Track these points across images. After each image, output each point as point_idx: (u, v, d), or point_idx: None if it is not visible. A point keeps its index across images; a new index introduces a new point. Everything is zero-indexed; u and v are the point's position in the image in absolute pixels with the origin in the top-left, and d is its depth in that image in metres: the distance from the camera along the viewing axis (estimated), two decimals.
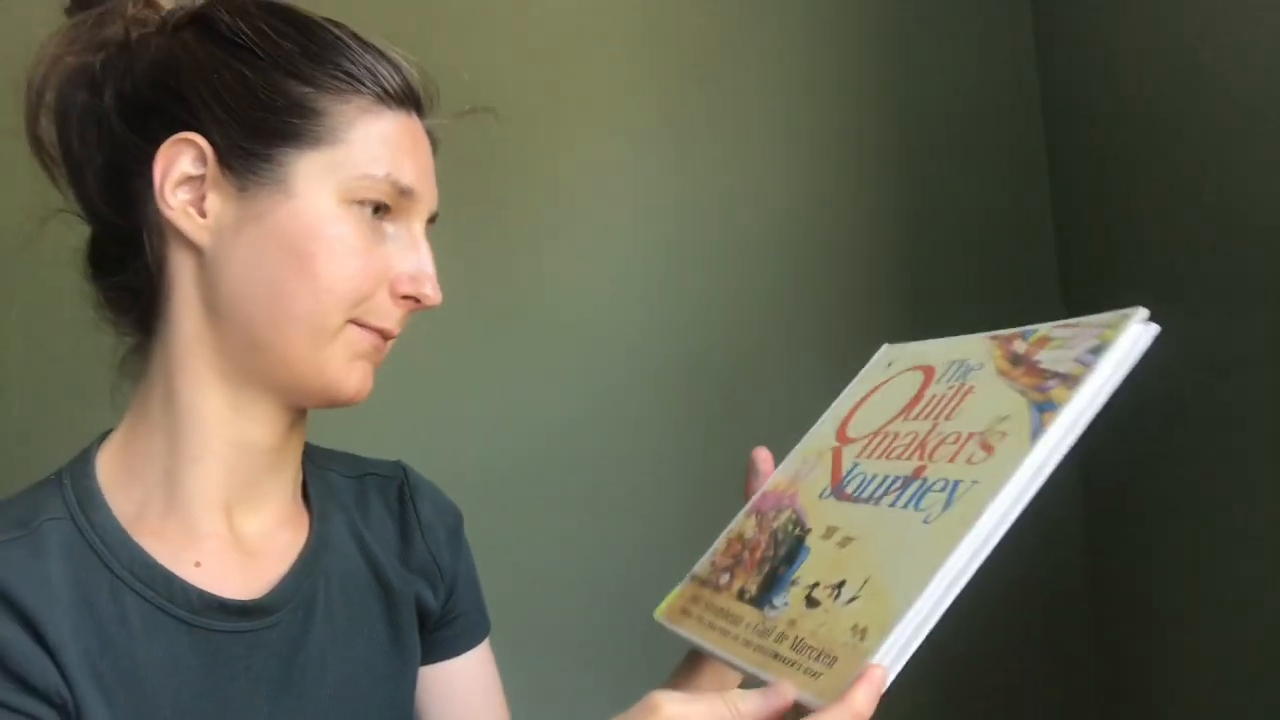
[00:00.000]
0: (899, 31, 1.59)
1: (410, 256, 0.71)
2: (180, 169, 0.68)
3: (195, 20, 0.71)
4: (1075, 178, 1.57)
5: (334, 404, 0.71)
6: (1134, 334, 0.58)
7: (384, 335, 0.72)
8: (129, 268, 0.71)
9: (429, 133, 0.75)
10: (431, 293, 0.72)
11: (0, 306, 1.26)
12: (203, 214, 0.68)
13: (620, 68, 1.52)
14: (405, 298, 0.71)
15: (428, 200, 0.73)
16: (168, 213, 0.68)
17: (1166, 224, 1.36)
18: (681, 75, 1.53)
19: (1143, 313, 0.59)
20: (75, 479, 0.69)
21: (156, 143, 0.68)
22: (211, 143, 0.68)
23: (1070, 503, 1.57)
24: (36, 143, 0.72)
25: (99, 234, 0.73)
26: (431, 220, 0.74)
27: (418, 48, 0.74)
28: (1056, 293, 1.61)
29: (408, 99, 0.72)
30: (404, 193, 0.70)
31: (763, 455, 0.79)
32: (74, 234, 0.74)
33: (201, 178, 0.68)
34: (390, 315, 0.71)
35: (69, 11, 0.73)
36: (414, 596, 0.81)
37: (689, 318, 1.50)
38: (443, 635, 0.85)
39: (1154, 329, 0.58)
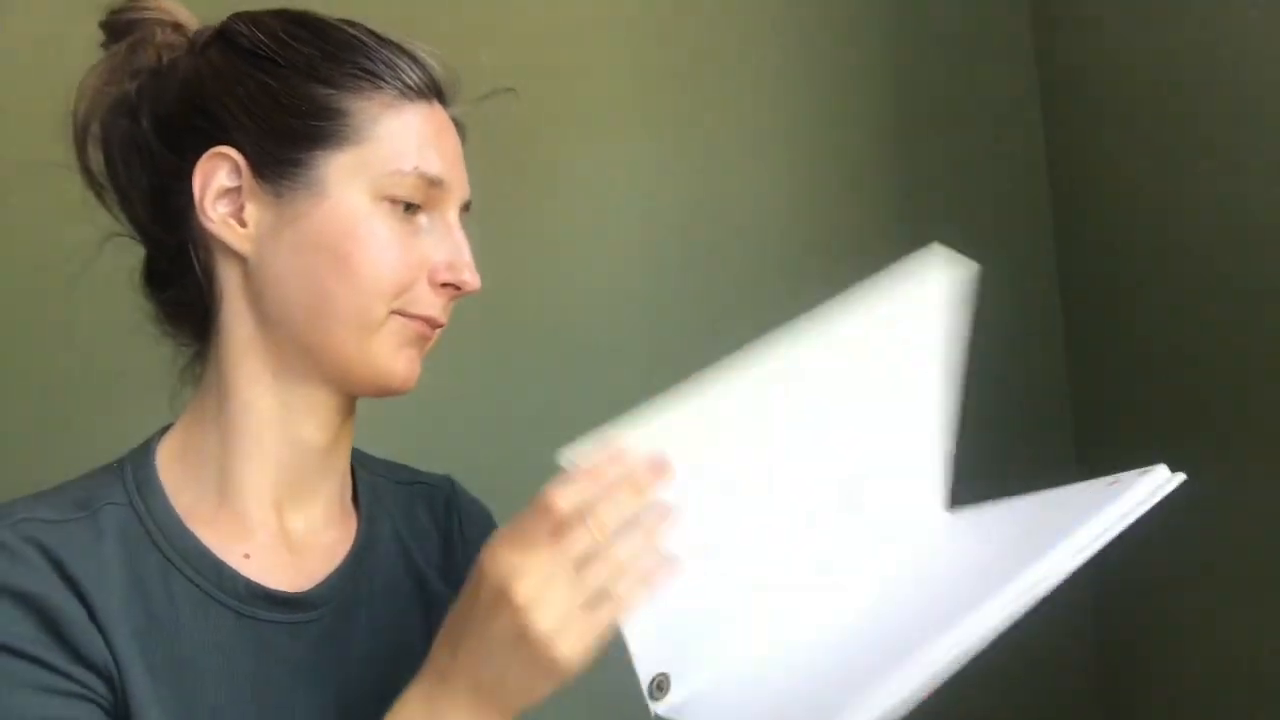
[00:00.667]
0: (899, 31, 1.60)
1: (446, 245, 0.73)
2: (217, 182, 0.71)
3: (218, 37, 0.74)
4: (1075, 177, 1.56)
5: (384, 393, 0.74)
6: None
7: (430, 324, 0.73)
8: (180, 282, 0.74)
9: (456, 121, 0.76)
10: (470, 278, 0.73)
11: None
12: (243, 223, 0.71)
13: (620, 66, 1.53)
14: (445, 285, 0.73)
15: (458, 189, 0.74)
16: (209, 225, 0.71)
17: (1167, 223, 1.36)
18: (682, 75, 1.54)
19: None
20: (136, 467, 0.72)
21: (193, 160, 0.71)
22: (244, 154, 0.70)
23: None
24: (87, 173, 0.76)
25: (151, 253, 0.76)
26: (465, 208, 0.76)
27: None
28: (1056, 292, 1.61)
29: (429, 90, 0.74)
30: (433, 184, 0.72)
31: None
32: (129, 255, 0.77)
33: (238, 189, 0.71)
34: (433, 304, 0.73)
35: (104, 45, 0.77)
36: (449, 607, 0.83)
37: (689, 317, 1.51)
38: None
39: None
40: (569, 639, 0.56)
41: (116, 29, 0.76)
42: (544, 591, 0.56)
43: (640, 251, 1.53)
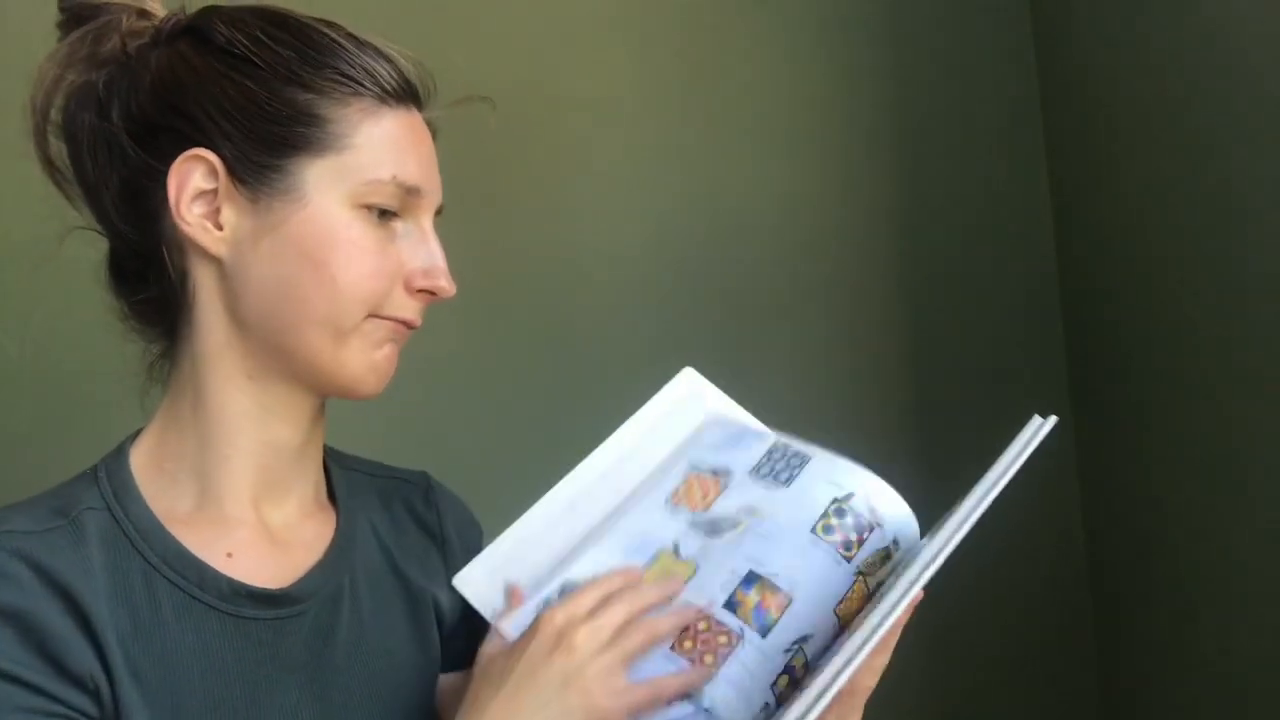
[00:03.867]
0: (898, 30, 1.60)
1: (421, 251, 0.73)
2: (193, 185, 0.70)
3: (190, 31, 0.73)
4: (1075, 177, 1.57)
5: (353, 397, 0.74)
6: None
7: (405, 325, 0.74)
8: (151, 280, 0.73)
9: (428, 123, 0.76)
10: (446, 284, 0.74)
11: (8, 317, 1.28)
12: (219, 226, 0.70)
13: (619, 64, 1.53)
14: (420, 291, 0.73)
15: (433, 195, 0.75)
16: (185, 228, 0.70)
17: (1166, 223, 1.36)
18: (681, 73, 1.54)
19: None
20: (111, 472, 0.71)
21: (168, 160, 0.70)
22: (221, 157, 0.70)
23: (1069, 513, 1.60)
24: (48, 163, 0.74)
25: (119, 249, 0.75)
26: (438, 212, 0.76)
27: (415, 43, 0.76)
28: (1055, 292, 1.61)
29: (406, 94, 0.74)
30: (410, 192, 0.72)
31: None
32: (90, 248, 0.75)
33: (214, 191, 0.70)
34: (408, 307, 0.74)
35: (62, 28, 0.74)
36: (432, 599, 0.81)
37: (687, 315, 1.51)
38: (448, 647, 0.84)
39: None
40: (611, 689, 0.65)
41: (79, 13, 0.74)
42: (594, 640, 0.65)
43: (641, 248, 1.52)
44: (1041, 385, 1.60)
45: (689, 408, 0.83)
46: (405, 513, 0.84)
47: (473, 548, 0.86)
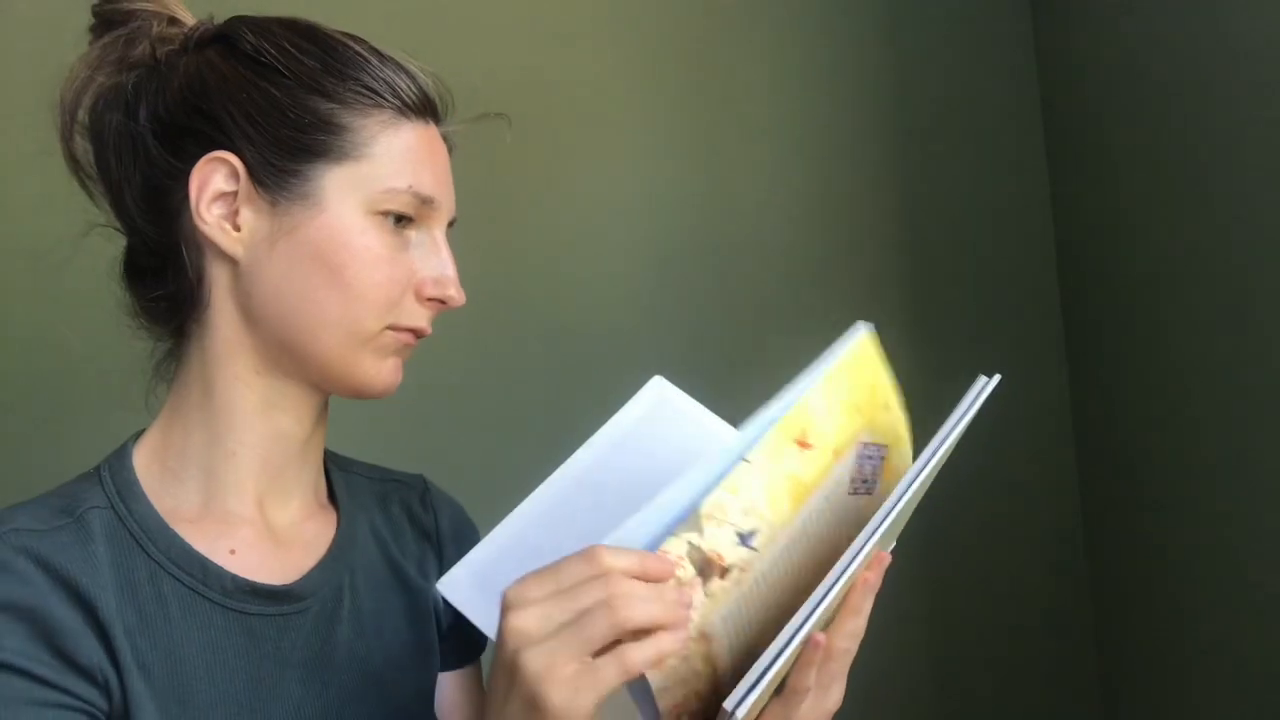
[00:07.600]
0: (899, 30, 1.61)
1: (433, 261, 0.75)
2: (214, 186, 0.72)
3: (219, 39, 0.75)
4: (1075, 177, 1.58)
5: (362, 397, 0.76)
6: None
7: (416, 334, 0.76)
8: (167, 278, 0.75)
9: (445, 138, 0.79)
10: (456, 294, 0.76)
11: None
12: (237, 228, 0.73)
13: (620, 69, 1.55)
14: (431, 300, 0.75)
15: (447, 207, 0.77)
16: (203, 228, 0.72)
17: (1166, 223, 1.37)
18: (686, 75, 1.56)
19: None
20: (114, 472, 0.73)
21: (190, 162, 0.72)
22: (243, 160, 0.72)
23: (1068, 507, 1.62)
24: (73, 162, 0.77)
25: (137, 246, 0.77)
26: (450, 224, 0.78)
27: (425, 52, 0.78)
28: (1055, 291, 1.63)
29: (425, 108, 0.76)
30: (425, 202, 0.74)
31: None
32: (112, 246, 0.78)
33: (234, 193, 0.72)
34: (420, 316, 0.76)
35: (95, 31, 0.77)
36: (430, 599, 0.83)
37: (687, 317, 1.53)
38: (445, 647, 0.86)
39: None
40: (559, 685, 0.53)
41: (111, 18, 0.76)
42: (537, 626, 0.55)
43: (643, 252, 1.54)
44: (1042, 384, 1.61)
45: (658, 414, 0.84)
46: (403, 514, 0.86)
47: (468, 549, 0.87)
